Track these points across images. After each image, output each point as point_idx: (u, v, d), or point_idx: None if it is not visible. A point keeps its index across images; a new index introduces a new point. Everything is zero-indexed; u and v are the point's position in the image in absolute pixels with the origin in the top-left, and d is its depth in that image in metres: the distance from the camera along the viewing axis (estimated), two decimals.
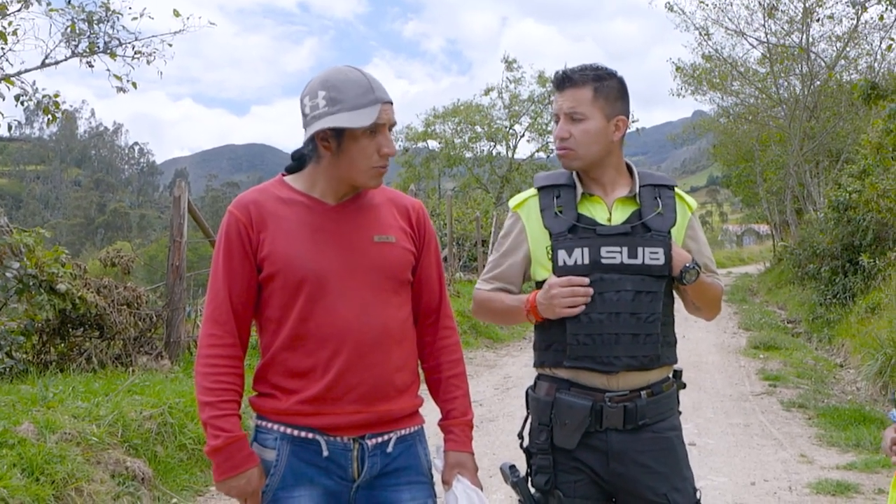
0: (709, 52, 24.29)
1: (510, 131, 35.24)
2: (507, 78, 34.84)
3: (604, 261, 2.30)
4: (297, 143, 2.18)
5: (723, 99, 27.33)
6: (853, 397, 8.20)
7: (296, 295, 2.06)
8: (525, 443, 2.45)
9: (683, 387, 2.48)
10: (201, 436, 5.34)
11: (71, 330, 7.01)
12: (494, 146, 35.56)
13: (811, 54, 21.46)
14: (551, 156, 33.53)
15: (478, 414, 7.20)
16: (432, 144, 35.50)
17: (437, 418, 2.28)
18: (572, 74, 2.35)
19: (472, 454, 2.24)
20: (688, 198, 2.51)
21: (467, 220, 20.25)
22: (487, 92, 34.97)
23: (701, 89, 26.10)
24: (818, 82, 21.88)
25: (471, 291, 2.60)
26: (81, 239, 73.96)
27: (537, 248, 2.39)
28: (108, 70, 10.13)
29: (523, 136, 35.39)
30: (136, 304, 7.34)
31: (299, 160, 2.19)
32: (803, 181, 22.84)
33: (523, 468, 2.41)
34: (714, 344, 12.21)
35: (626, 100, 2.40)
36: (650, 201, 2.40)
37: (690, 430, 6.49)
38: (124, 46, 10.25)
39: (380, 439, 2.11)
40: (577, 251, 2.31)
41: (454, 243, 17.15)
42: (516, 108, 34.68)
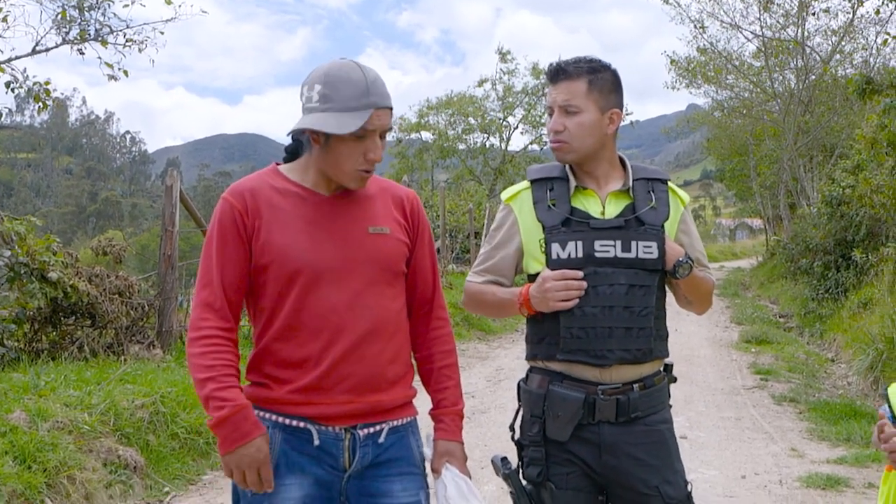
0: (704, 46, 24.30)
1: (504, 123, 35.19)
2: (500, 69, 34.70)
3: (597, 254, 2.30)
4: (286, 135, 2.18)
5: (717, 92, 27.36)
6: (844, 392, 8.23)
7: (290, 286, 2.05)
8: (516, 435, 2.46)
9: (674, 380, 2.48)
10: (193, 425, 5.35)
11: (63, 318, 6.99)
12: (488, 138, 35.53)
13: (806, 48, 21.50)
14: (545, 148, 33.49)
15: (470, 406, 7.24)
16: (425, 136, 35.44)
17: (429, 408, 2.28)
18: (567, 67, 2.34)
19: (462, 443, 2.24)
20: (680, 192, 2.52)
21: (460, 212, 20.24)
22: (481, 83, 34.92)
23: (695, 82, 26.14)
24: (813, 77, 21.92)
25: (463, 283, 2.58)
26: (73, 227, 73.76)
27: (530, 240, 2.39)
28: (100, 58, 10.11)
29: (517, 128, 35.36)
30: (127, 294, 7.32)
31: (294, 151, 2.18)
32: (797, 176, 22.90)
33: (514, 460, 2.41)
34: (706, 338, 12.24)
35: (620, 92, 2.40)
36: (643, 195, 2.40)
37: (682, 424, 6.51)
38: (115, 34, 10.23)
39: (371, 430, 2.10)
40: (570, 244, 2.30)
41: (447, 235, 17.15)
42: (510, 99, 34.61)
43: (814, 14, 20.96)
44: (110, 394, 5.13)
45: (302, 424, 2.06)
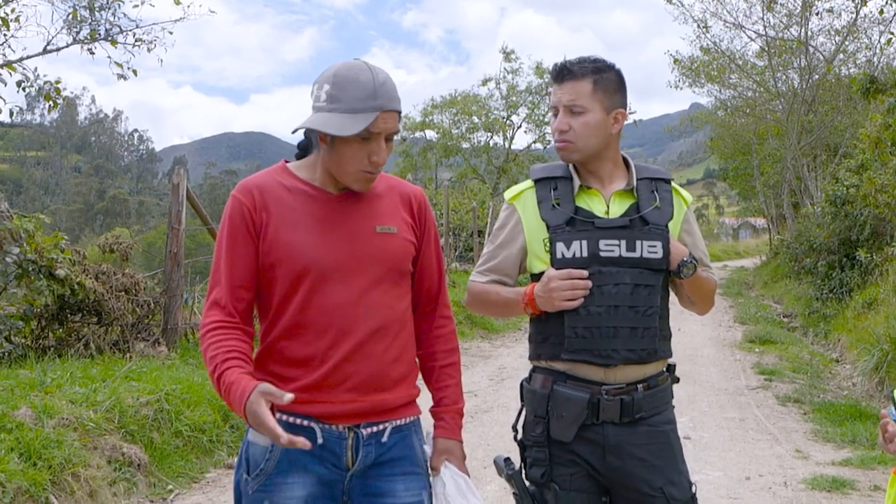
0: (707, 45, 24.29)
1: (507, 122, 35.22)
2: (504, 69, 34.75)
3: (602, 254, 2.29)
4: (296, 132, 2.17)
5: (720, 92, 27.37)
6: (849, 393, 8.21)
7: (297, 284, 2.05)
8: (519, 435, 2.45)
9: (677, 381, 2.48)
10: (197, 422, 5.37)
11: (69, 315, 7.02)
12: (492, 137, 35.57)
13: (810, 48, 21.45)
14: (548, 147, 33.49)
15: (472, 405, 7.24)
16: (430, 134, 35.48)
17: (429, 406, 2.29)
18: (572, 67, 2.34)
19: (461, 442, 2.24)
20: (683, 192, 2.52)
21: (464, 211, 20.24)
22: (485, 82, 34.94)
23: (699, 82, 26.12)
24: (816, 76, 21.88)
25: (467, 282, 2.58)
26: (81, 225, 73.85)
27: (534, 240, 2.39)
28: (109, 57, 10.16)
29: (520, 126, 35.39)
30: (134, 291, 7.35)
31: (306, 147, 2.19)
32: (800, 175, 22.85)
33: (517, 460, 2.41)
34: (709, 337, 12.22)
35: (624, 92, 2.40)
36: (647, 195, 2.40)
37: (685, 424, 6.50)
38: (125, 34, 10.28)
39: (375, 429, 2.10)
40: (575, 244, 2.30)
41: (450, 233, 17.15)
42: (514, 98, 34.63)
43: (817, 14, 20.93)
44: (115, 391, 5.14)
45: (306, 423, 2.06)
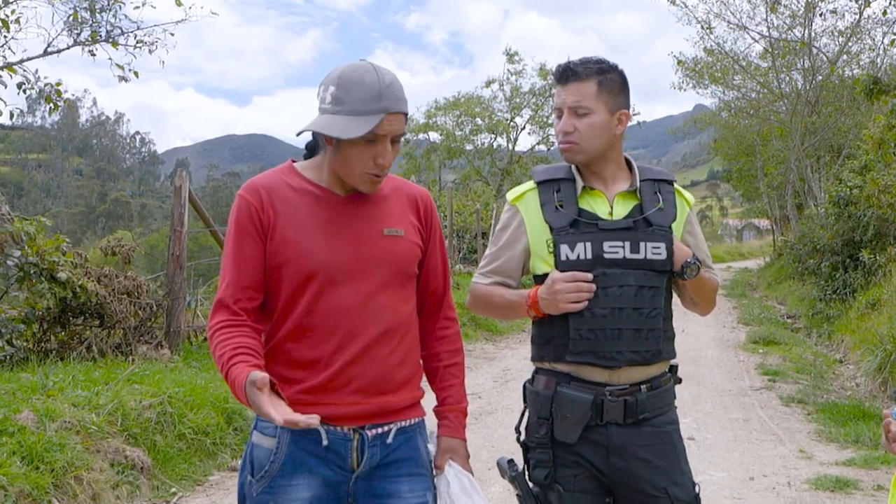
0: (710, 46, 24.29)
1: (511, 124, 35.21)
2: (508, 70, 34.74)
3: (606, 255, 2.29)
4: (295, 135, 2.16)
5: (724, 93, 27.36)
6: (853, 393, 8.20)
7: (304, 286, 2.04)
8: (522, 437, 2.45)
9: (679, 381, 2.48)
10: (200, 425, 5.37)
11: (71, 318, 7.02)
12: (495, 138, 35.56)
13: (813, 49, 21.43)
14: (552, 149, 33.49)
15: (476, 406, 7.24)
16: (433, 136, 35.49)
17: (433, 406, 2.28)
18: (575, 68, 2.33)
19: (465, 441, 2.24)
20: (686, 193, 2.52)
21: (468, 213, 20.24)
22: (489, 84, 34.95)
23: (702, 83, 26.13)
24: (820, 77, 21.86)
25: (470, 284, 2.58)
26: (82, 228, 73.91)
27: (537, 241, 2.38)
28: (111, 59, 10.17)
29: (524, 128, 35.39)
30: (136, 294, 7.34)
31: (313, 148, 2.18)
32: (804, 176, 22.83)
33: (520, 462, 2.41)
34: (713, 338, 12.22)
35: (627, 93, 2.40)
36: (650, 196, 2.39)
37: (689, 425, 6.49)
38: (126, 35, 10.29)
39: (380, 430, 2.10)
40: (579, 246, 2.30)
41: (454, 235, 17.15)
42: (517, 100, 34.63)
43: (821, 15, 20.91)
44: (118, 394, 5.14)
45: None
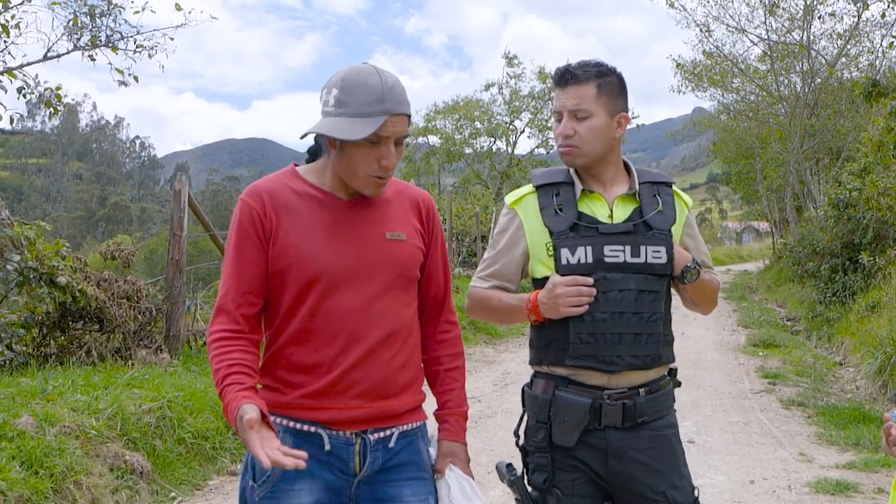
0: (709, 49, 24.29)
1: (510, 127, 35.20)
2: (507, 74, 34.76)
3: (607, 259, 2.29)
4: (298, 139, 2.14)
5: (723, 96, 27.37)
6: (853, 396, 8.19)
7: (307, 291, 2.04)
8: (521, 441, 2.44)
9: (678, 384, 2.47)
10: (200, 429, 5.37)
11: (71, 323, 7.01)
12: (494, 142, 35.51)
13: (812, 52, 21.44)
14: (551, 152, 33.49)
15: (476, 410, 7.23)
16: (432, 140, 35.49)
17: (434, 409, 2.28)
18: (575, 71, 2.33)
19: (465, 444, 2.24)
20: (684, 195, 2.51)
21: (467, 216, 20.25)
22: (488, 87, 34.94)
23: (701, 86, 26.15)
24: (819, 80, 21.87)
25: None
26: (82, 232, 73.94)
27: (536, 245, 2.37)
28: (110, 64, 10.15)
29: (523, 132, 35.36)
30: (135, 298, 7.34)
31: (315, 152, 2.18)
32: (803, 179, 22.85)
33: (519, 466, 2.40)
34: (713, 341, 12.21)
35: (625, 96, 2.39)
36: (650, 199, 2.39)
37: (689, 428, 6.49)
38: (126, 40, 10.28)
39: (382, 434, 2.10)
40: (580, 250, 2.29)
41: (454, 239, 17.15)
42: (517, 103, 34.61)
43: (819, 18, 20.94)
44: (117, 398, 5.13)
45: (313, 429, 2.05)
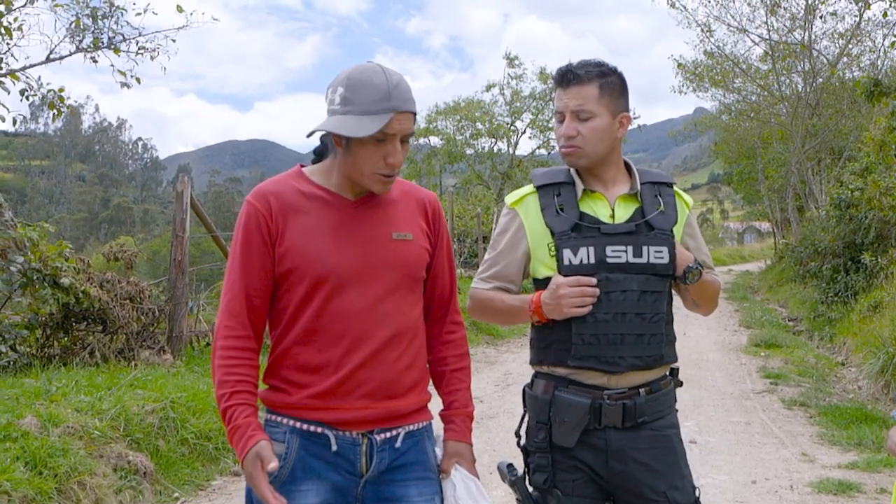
0: (711, 49, 24.31)
1: (511, 128, 35.20)
2: (508, 74, 34.75)
3: (609, 260, 2.28)
4: (300, 139, 2.15)
5: (724, 96, 27.35)
6: (855, 396, 8.19)
7: (313, 291, 2.05)
8: (522, 441, 2.44)
9: (680, 384, 2.47)
10: (203, 430, 5.38)
11: (74, 324, 7.03)
12: (496, 143, 35.50)
13: (813, 51, 21.44)
14: (552, 153, 33.47)
15: (478, 410, 7.14)
16: (434, 141, 35.49)
17: (439, 409, 2.29)
18: (577, 71, 2.32)
19: (471, 445, 2.25)
20: (685, 195, 2.51)
21: (468, 217, 20.24)
22: (489, 88, 34.94)
23: (703, 86, 26.15)
24: (820, 79, 21.87)
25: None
26: (85, 233, 74.02)
27: (538, 245, 2.37)
28: (113, 65, 10.18)
29: (524, 132, 35.36)
30: (138, 299, 7.36)
31: (321, 153, 2.19)
32: (805, 179, 22.84)
33: (520, 466, 2.40)
34: (715, 341, 12.20)
35: (627, 96, 2.39)
36: (651, 199, 2.39)
37: (691, 428, 6.49)
38: (128, 42, 10.32)
39: (388, 434, 2.10)
40: (582, 250, 2.29)
41: (455, 240, 17.16)
42: (518, 104, 34.61)
43: (821, 17, 20.94)
44: (121, 399, 5.15)
45: (320, 430, 2.06)
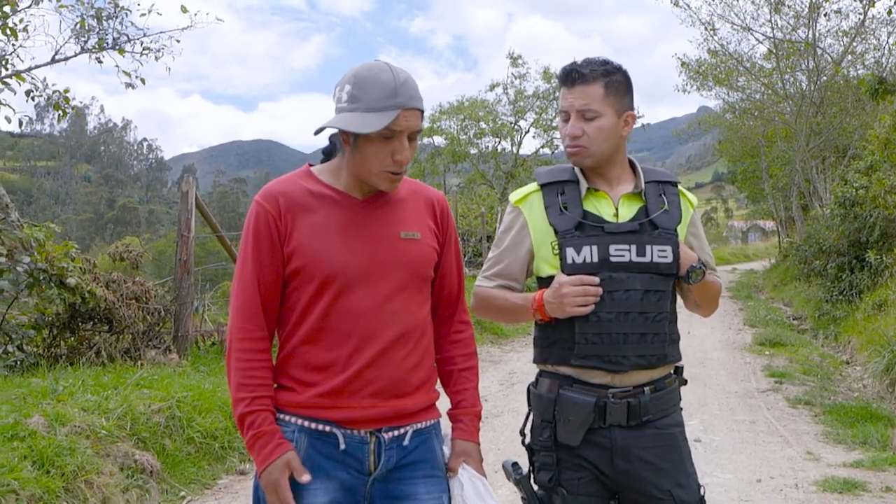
0: (714, 48, 24.29)
1: (515, 127, 35.16)
2: (512, 74, 34.76)
3: (612, 259, 2.28)
4: (305, 139, 2.16)
5: (728, 94, 27.31)
6: (860, 394, 8.18)
7: (322, 291, 2.06)
8: (527, 440, 2.45)
9: (685, 383, 2.47)
10: (209, 429, 5.39)
11: (80, 324, 7.06)
12: (499, 142, 35.45)
13: (818, 49, 21.41)
14: (556, 152, 33.44)
15: (483, 409, 7.15)
16: (437, 140, 35.46)
17: (447, 408, 2.29)
18: (582, 70, 2.32)
19: (479, 444, 2.25)
20: (689, 195, 2.51)
21: (472, 216, 20.25)
22: (493, 88, 34.88)
23: (706, 85, 26.11)
24: (825, 78, 21.83)
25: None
26: (91, 234, 74.22)
27: (541, 244, 2.37)
28: (117, 66, 10.24)
29: (528, 132, 35.30)
30: (144, 299, 7.38)
31: (329, 153, 2.20)
32: (809, 177, 22.80)
33: (525, 465, 2.41)
34: (719, 340, 12.19)
35: (631, 94, 2.38)
36: (655, 198, 2.39)
37: (696, 427, 6.50)
38: (133, 43, 10.36)
39: (396, 432, 2.11)
40: (585, 249, 2.29)
41: (459, 239, 17.16)
42: (521, 103, 34.55)
43: (825, 15, 20.92)
44: (127, 398, 5.17)
45: (328, 429, 2.07)
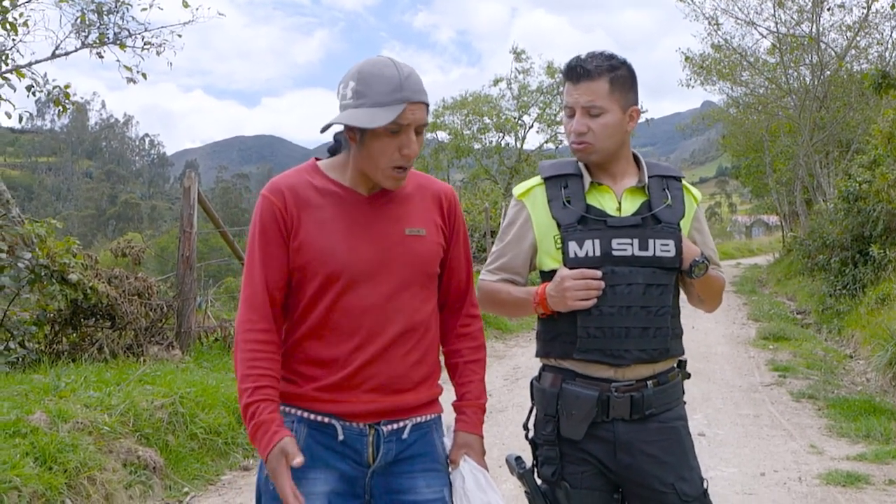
0: (718, 42, 24.27)
1: (519, 122, 35.14)
2: (516, 69, 34.68)
3: (615, 253, 2.28)
4: (307, 135, 2.15)
5: (732, 89, 27.31)
6: (863, 388, 8.17)
7: (326, 287, 2.06)
8: (530, 434, 2.45)
9: (688, 376, 2.47)
10: (212, 425, 5.39)
11: (83, 320, 7.06)
12: (503, 137, 35.47)
13: (821, 44, 21.37)
14: (560, 147, 33.42)
15: (487, 404, 7.15)
16: (441, 135, 35.45)
17: (452, 400, 2.28)
18: (587, 66, 2.30)
19: (481, 437, 2.24)
20: (693, 189, 2.50)
21: (476, 211, 20.22)
22: (496, 82, 34.86)
23: (710, 79, 26.09)
24: (828, 72, 21.79)
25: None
26: (93, 230, 74.30)
27: (544, 237, 2.37)
28: (118, 61, 10.22)
29: (532, 126, 35.29)
30: (146, 295, 7.38)
31: (335, 150, 2.19)
32: (813, 172, 22.76)
33: (529, 459, 2.41)
34: (723, 335, 12.18)
35: (636, 88, 2.37)
36: (659, 192, 2.38)
37: (700, 421, 6.49)
38: (134, 37, 10.34)
39: (395, 426, 2.11)
40: (587, 243, 2.28)
41: None
42: (525, 98, 34.54)
43: (828, 10, 20.90)
44: (130, 395, 5.17)
45: (327, 420, 2.07)
